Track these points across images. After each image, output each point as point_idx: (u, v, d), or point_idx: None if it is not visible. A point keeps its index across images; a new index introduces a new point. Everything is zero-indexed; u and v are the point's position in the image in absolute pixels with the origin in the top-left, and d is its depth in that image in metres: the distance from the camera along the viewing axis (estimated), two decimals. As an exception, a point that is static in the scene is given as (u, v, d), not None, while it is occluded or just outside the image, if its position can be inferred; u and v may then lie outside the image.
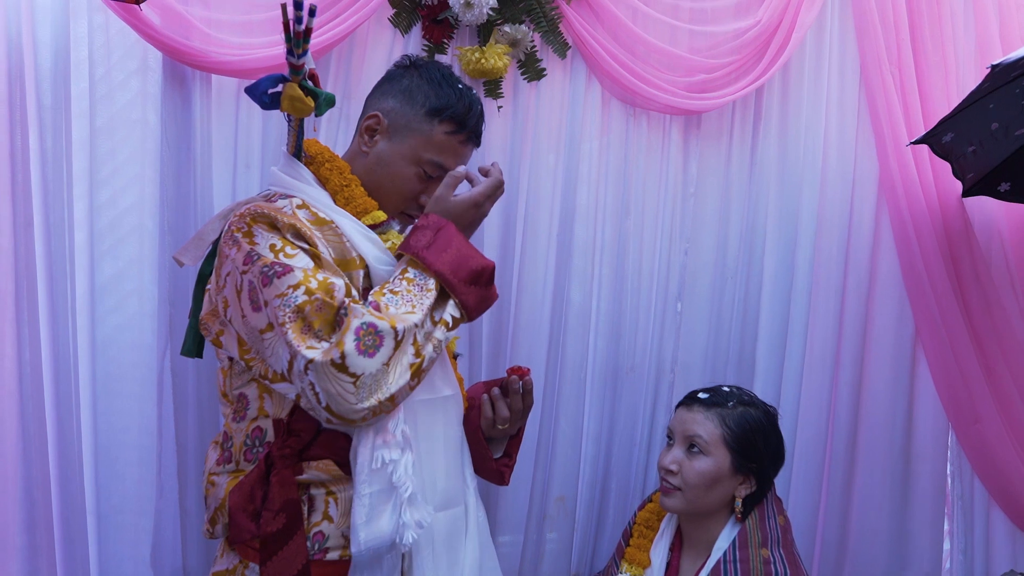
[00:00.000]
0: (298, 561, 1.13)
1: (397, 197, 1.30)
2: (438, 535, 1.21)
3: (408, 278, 1.17)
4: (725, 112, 1.93)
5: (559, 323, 1.85)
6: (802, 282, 1.94)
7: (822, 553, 2.01)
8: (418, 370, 1.13)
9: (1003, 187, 1.79)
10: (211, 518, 1.23)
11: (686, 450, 1.55)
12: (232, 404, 1.23)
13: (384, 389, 1.09)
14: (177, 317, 1.63)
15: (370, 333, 1.08)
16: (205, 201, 1.65)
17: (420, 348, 1.13)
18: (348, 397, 1.07)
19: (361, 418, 1.09)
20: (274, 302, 1.09)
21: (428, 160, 1.28)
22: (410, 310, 1.13)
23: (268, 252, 1.12)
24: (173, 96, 1.62)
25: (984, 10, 1.95)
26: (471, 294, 1.19)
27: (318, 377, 1.06)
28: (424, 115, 1.27)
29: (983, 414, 1.93)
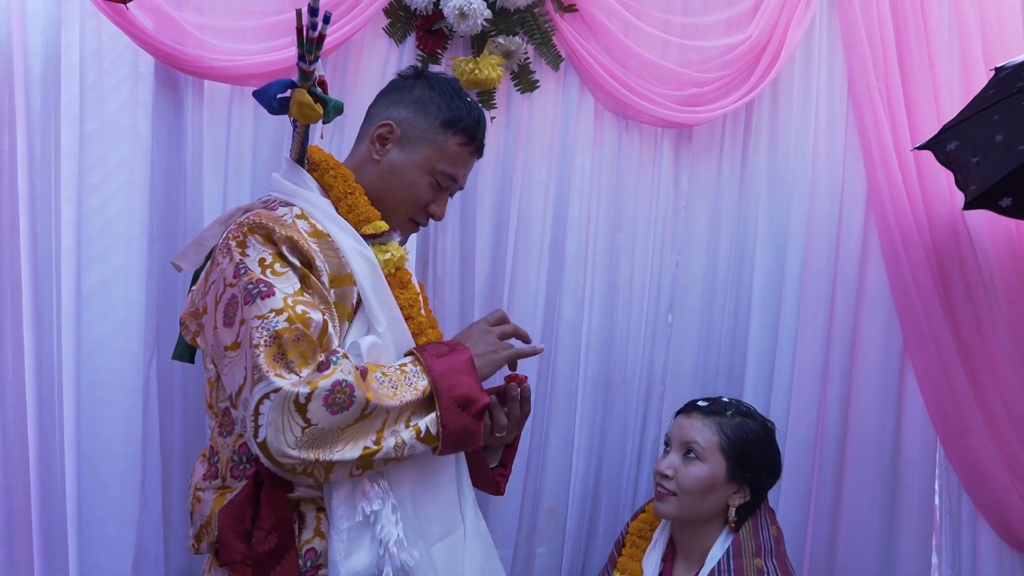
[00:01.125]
0: None
1: (408, 206, 1.31)
2: (440, 563, 1.20)
3: (404, 369, 1.16)
4: (716, 126, 1.95)
5: (551, 336, 1.85)
6: (791, 295, 1.95)
7: (811, 565, 2.00)
8: (368, 458, 1.09)
9: (1005, 202, 1.77)
10: (196, 534, 1.20)
11: (683, 456, 1.55)
12: (218, 417, 1.21)
13: (325, 452, 1.06)
14: (165, 325, 1.61)
15: (344, 392, 1.06)
16: (195, 208, 1.63)
17: (381, 437, 1.10)
18: (289, 438, 1.04)
19: (288, 466, 1.06)
20: (252, 322, 1.07)
21: (441, 171, 1.30)
22: (390, 395, 1.11)
23: (256, 266, 1.11)
24: (165, 102, 1.62)
25: (967, 29, 1.98)
26: (455, 416, 1.15)
27: (274, 407, 1.03)
28: (438, 126, 1.29)
29: (971, 427, 1.94)
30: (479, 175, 1.79)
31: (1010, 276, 1.97)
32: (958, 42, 1.99)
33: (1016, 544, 2.00)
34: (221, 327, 1.12)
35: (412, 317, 1.28)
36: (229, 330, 1.10)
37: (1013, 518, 1.95)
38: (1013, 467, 1.95)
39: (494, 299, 1.84)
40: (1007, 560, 2.02)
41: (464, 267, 1.80)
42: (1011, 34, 1.99)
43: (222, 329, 1.11)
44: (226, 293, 1.12)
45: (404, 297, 1.27)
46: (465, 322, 1.80)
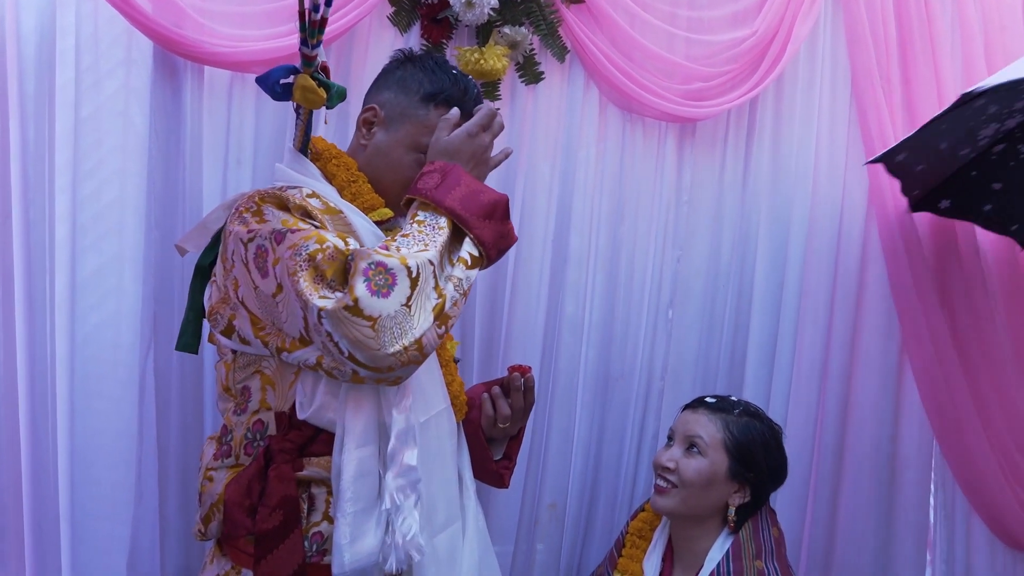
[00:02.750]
0: (293, 561, 1.09)
1: (398, 186, 1.27)
2: (441, 555, 1.18)
3: (419, 220, 1.11)
4: (720, 121, 1.94)
5: (553, 331, 1.84)
6: (792, 291, 1.95)
7: (808, 562, 2.01)
8: (441, 312, 1.05)
9: (943, 204, 1.84)
10: (205, 516, 1.18)
11: (685, 450, 1.55)
12: (235, 398, 1.20)
13: (409, 333, 1.02)
14: (162, 315, 1.58)
15: (380, 272, 1.02)
16: (194, 197, 1.60)
17: (440, 288, 1.07)
18: (370, 343, 1.00)
19: (387, 366, 1.01)
20: (285, 254, 1.05)
21: (426, 144, 1.25)
22: (422, 248, 1.06)
23: (279, 224, 1.09)
24: (163, 88, 1.58)
25: (970, 30, 1.99)
26: (486, 228, 1.12)
27: (334, 325, 1.00)
28: (419, 101, 1.26)
29: (966, 425, 1.95)
30: (482, 167, 1.77)
31: (1006, 276, 1.98)
32: (960, 42, 1.99)
33: (1009, 541, 2.02)
34: (260, 281, 1.09)
35: None
36: (267, 280, 1.08)
37: (1007, 515, 1.97)
38: (1007, 465, 1.96)
39: (496, 291, 1.82)
40: (1000, 557, 2.05)
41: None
42: (1012, 34, 2.00)
43: (262, 283, 1.09)
44: (250, 250, 1.10)
45: None
46: (466, 315, 1.79)
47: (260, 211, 1.13)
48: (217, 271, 1.21)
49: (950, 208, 1.85)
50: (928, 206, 1.85)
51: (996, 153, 1.75)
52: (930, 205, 1.85)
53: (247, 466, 1.14)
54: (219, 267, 1.20)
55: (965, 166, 1.77)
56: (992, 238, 1.97)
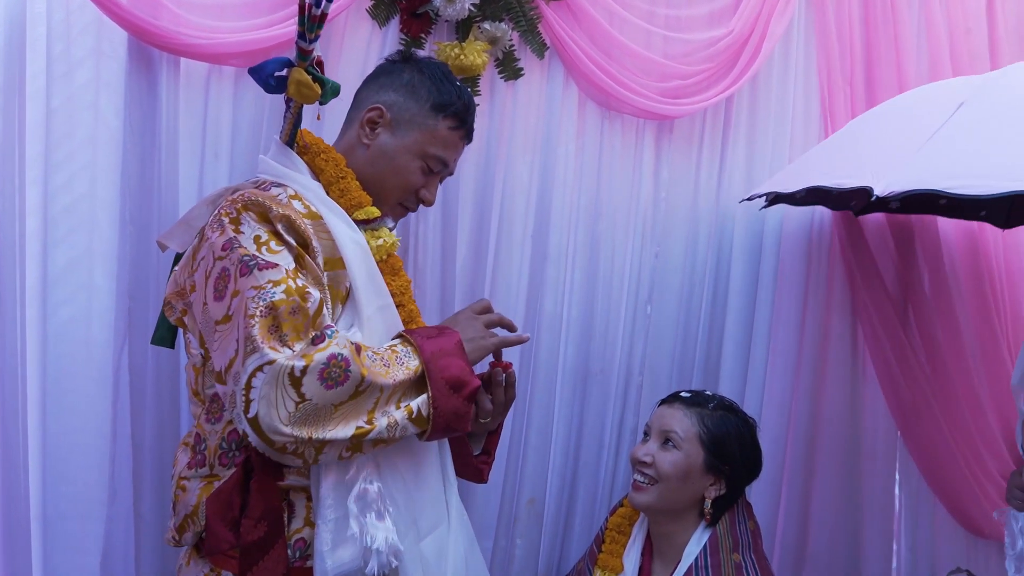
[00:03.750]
0: (279, 570, 1.09)
1: (398, 190, 1.30)
2: (429, 558, 1.19)
3: (395, 349, 1.14)
4: (696, 119, 1.96)
5: (532, 326, 1.84)
6: (766, 288, 1.98)
7: (781, 553, 2.05)
8: (360, 439, 1.06)
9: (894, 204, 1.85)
10: (180, 525, 1.16)
11: (661, 444, 1.57)
12: (204, 404, 1.18)
13: (318, 430, 1.03)
14: (137, 311, 1.55)
15: (340, 367, 1.04)
16: (170, 191, 1.57)
17: (373, 417, 1.08)
18: (282, 414, 1.01)
19: (280, 445, 1.02)
20: (248, 292, 1.04)
21: (433, 155, 1.29)
22: (383, 373, 1.09)
23: (251, 243, 1.08)
24: (138, 80, 1.55)
25: (936, 32, 2.04)
26: (446, 398, 1.13)
27: (267, 380, 1.00)
28: (429, 110, 1.28)
29: (925, 413, 2.01)
30: (462, 163, 1.76)
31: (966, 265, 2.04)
32: (927, 45, 2.05)
33: (971, 528, 2.09)
34: (211, 302, 1.08)
35: (403, 304, 1.27)
36: (220, 304, 1.07)
37: (967, 503, 2.03)
38: (970, 454, 2.02)
39: (475, 288, 1.82)
40: (961, 543, 2.11)
41: (445, 256, 1.78)
42: (977, 38, 2.06)
43: (212, 304, 1.08)
44: (216, 266, 1.09)
45: (395, 284, 1.26)
46: (446, 312, 1.78)
47: (238, 219, 1.11)
48: (182, 262, 1.20)
49: (901, 208, 1.87)
50: (878, 207, 1.87)
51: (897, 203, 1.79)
52: (880, 206, 1.87)
53: (226, 480, 1.12)
54: (186, 259, 1.19)
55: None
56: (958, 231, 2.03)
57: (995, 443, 2.04)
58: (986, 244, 2.03)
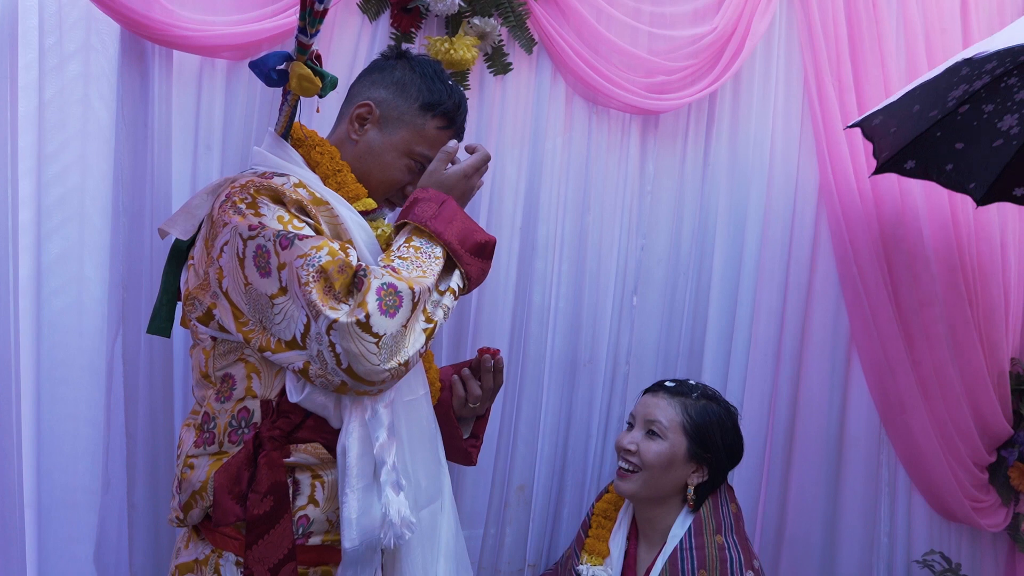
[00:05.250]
0: (284, 545, 1.11)
1: (384, 186, 1.32)
2: (424, 528, 1.22)
3: (415, 246, 1.18)
4: (681, 115, 2.00)
5: (521, 318, 1.87)
6: (748, 279, 2.03)
7: (762, 536, 2.10)
8: (431, 335, 1.14)
9: (908, 164, 1.91)
10: (185, 503, 1.18)
11: (645, 433, 1.60)
12: (215, 385, 1.20)
13: (403, 352, 1.09)
14: (130, 301, 1.56)
15: (391, 293, 1.08)
16: (162, 183, 1.58)
17: (431, 314, 1.14)
18: (371, 358, 1.06)
19: (381, 380, 1.08)
20: (295, 263, 1.07)
21: (420, 153, 1.31)
22: (421, 274, 1.14)
23: (277, 224, 1.11)
24: (131, 73, 1.55)
25: (913, 31, 2.09)
26: (475, 265, 1.21)
27: (341, 337, 1.05)
28: (418, 109, 1.30)
29: (908, 404, 2.06)
30: (451, 156, 1.79)
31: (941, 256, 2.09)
32: (904, 42, 2.10)
33: (946, 514, 2.15)
34: (257, 280, 1.10)
35: None
36: (268, 279, 1.10)
37: (943, 490, 2.09)
38: (946, 443, 2.08)
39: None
40: (937, 529, 2.18)
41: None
42: (952, 36, 2.12)
43: (259, 282, 1.10)
44: (249, 247, 1.11)
45: None
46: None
47: (256, 204, 1.13)
48: (197, 255, 1.21)
49: (914, 168, 1.91)
50: (894, 167, 1.92)
51: (961, 114, 1.80)
52: (896, 166, 1.91)
53: (234, 454, 1.15)
54: (200, 252, 1.20)
55: (931, 127, 1.83)
56: (932, 225, 2.09)
57: (969, 431, 2.10)
58: (960, 236, 2.09)
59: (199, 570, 1.18)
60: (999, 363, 2.15)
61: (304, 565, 1.15)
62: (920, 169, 1.91)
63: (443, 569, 1.24)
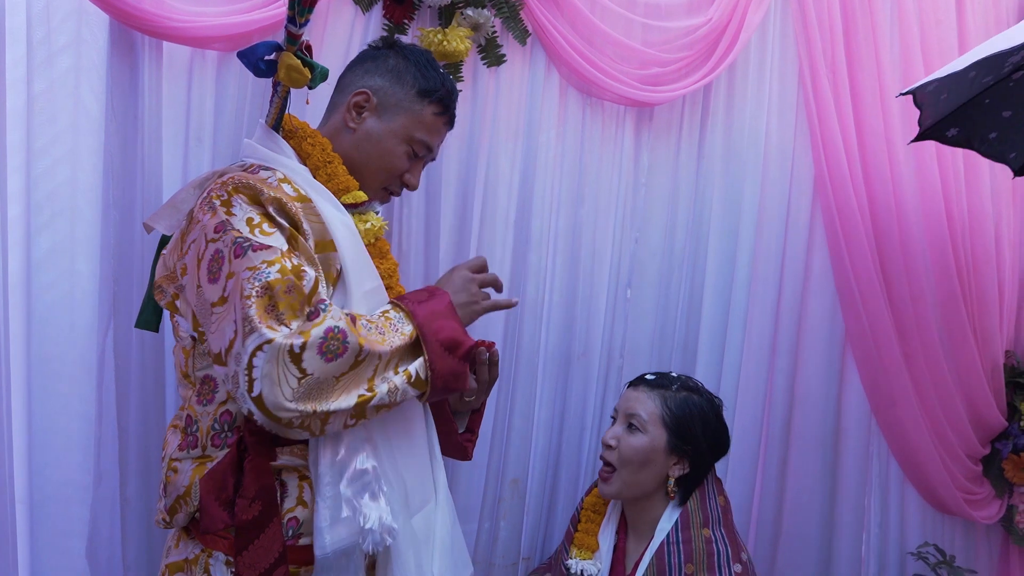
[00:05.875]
0: (275, 549, 1.10)
1: (383, 174, 1.32)
2: (419, 534, 1.21)
3: (388, 316, 1.16)
4: (675, 107, 1.99)
5: (515, 311, 1.86)
6: (743, 272, 2.02)
7: (758, 531, 2.10)
8: (363, 406, 1.08)
9: (951, 132, 1.86)
10: (171, 507, 1.17)
11: (626, 427, 1.60)
12: (195, 386, 1.18)
13: (322, 403, 1.05)
14: (122, 295, 1.55)
15: (337, 339, 1.05)
16: (153, 176, 1.57)
17: (373, 384, 1.10)
18: (285, 390, 1.02)
19: (286, 420, 1.03)
20: (243, 274, 1.04)
21: (419, 139, 1.32)
22: (379, 339, 1.10)
23: (244, 226, 1.09)
24: (120, 65, 1.54)
25: (908, 23, 2.08)
26: (442, 359, 1.15)
27: (268, 359, 1.01)
28: (415, 95, 1.31)
29: (900, 398, 2.06)
30: (445, 148, 1.78)
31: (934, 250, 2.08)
32: (899, 34, 2.09)
33: (938, 506, 2.15)
34: (206, 284, 1.08)
35: (391, 287, 1.28)
36: (215, 286, 1.07)
37: (936, 483, 2.09)
38: (937, 437, 2.08)
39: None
40: (929, 521, 2.18)
41: (428, 241, 1.80)
42: (946, 28, 2.11)
43: (207, 286, 1.08)
44: (208, 249, 1.09)
45: (383, 267, 1.27)
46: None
47: (230, 202, 1.11)
48: (170, 246, 1.20)
49: (957, 136, 1.87)
50: (935, 135, 1.88)
51: (1015, 80, 1.76)
52: (937, 134, 1.87)
53: (219, 459, 1.13)
54: (174, 242, 1.19)
55: (981, 93, 1.79)
56: (926, 219, 2.08)
57: (962, 425, 2.10)
58: (953, 229, 2.08)
59: (189, 569, 1.16)
60: (993, 356, 2.15)
61: (296, 565, 1.14)
62: (963, 137, 1.87)
63: (439, 565, 1.22)
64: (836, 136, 2.02)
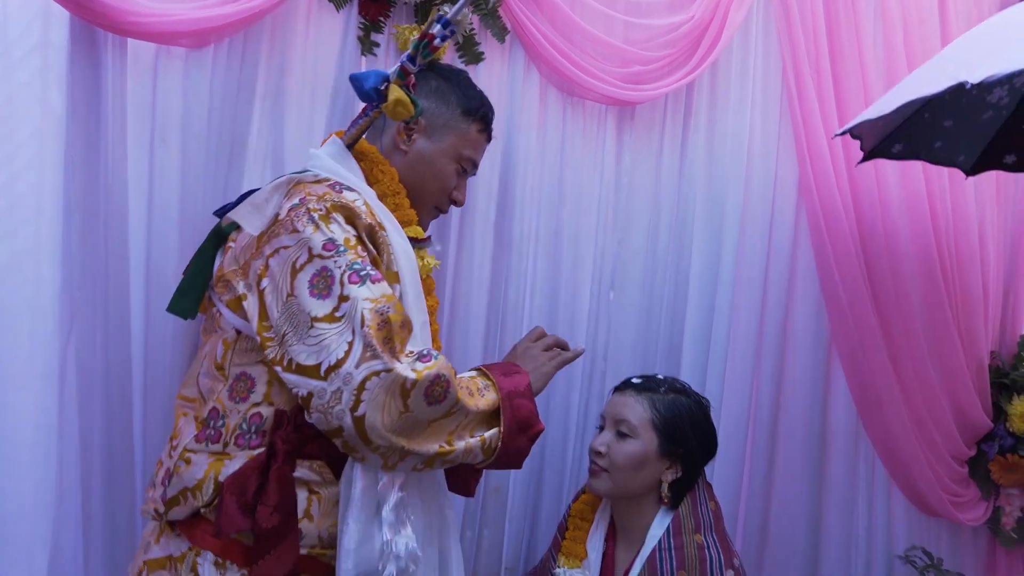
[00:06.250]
0: (290, 560, 1.11)
1: (437, 193, 1.39)
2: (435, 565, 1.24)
3: (475, 381, 1.24)
4: (657, 106, 1.96)
5: (496, 315, 1.83)
6: (727, 274, 1.99)
7: (744, 534, 2.08)
8: (441, 457, 1.15)
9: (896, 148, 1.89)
10: (172, 498, 1.16)
11: (615, 434, 1.56)
12: (227, 381, 1.18)
13: (409, 441, 1.11)
14: (84, 300, 1.49)
15: (442, 386, 1.12)
16: (117, 177, 1.51)
17: (452, 439, 1.16)
18: (386, 419, 1.08)
19: (374, 445, 1.09)
20: (363, 304, 1.09)
21: (467, 156, 1.40)
22: (469, 400, 1.18)
23: (344, 246, 1.13)
24: (82, 62, 1.47)
25: (891, 23, 2.07)
26: (514, 436, 1.23)
27: (382, 386, 1.07)
28: (460, 115, 1.38)
29: (886, 400, 2.04)
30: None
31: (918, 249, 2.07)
32: (882, 33, 2.07)
33: (924, 508, 2.14)
34: (305, 296, 1.11)
35: (431, 324, 1.30)
36: (321, 302, 1.10)
37: (922, 485, 2.08)
38: (924, 439, 2.07)
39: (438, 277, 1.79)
40: (915, 524, 2.16)
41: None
42: (930, 28, 2.10)
43: (308, 300, 1.11)
44: (314, 264, 1.12)
45: (428, 304, 1.30)
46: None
47: (329, 217, 1.15)
48: (242, 242, 1.20)
49: (902, 150, 1.91)
50: (881, 153, 1.90)
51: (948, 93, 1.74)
52: (883, 152, 1.90)
53: (245, 462, 1.13)
54: (247, 240, 1.19)
55: (919, 110, 1.82)
56: (910, 219, 2.07)
57: (947, 426, 2.09)
58: (938, 229, 2.07)
59: (173, 567, 1.15)
60: (978, 356, 2.14)
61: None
62: (908, 150, 1.90)
63: None
64: (820, 136, 2.00)
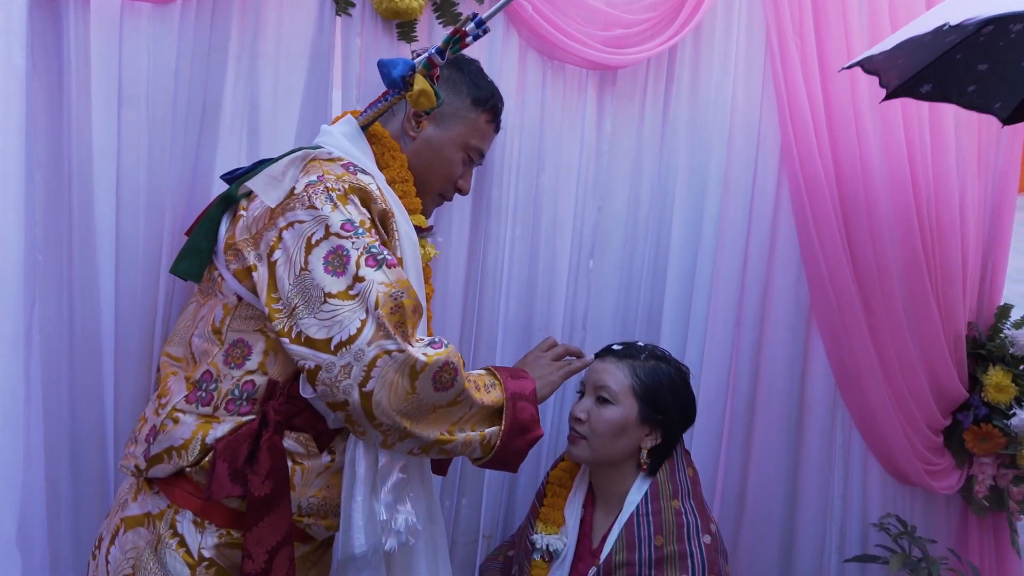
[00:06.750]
0: (282, 527, 1.12)
1: (442, 181, 1.42)
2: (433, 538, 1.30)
3: (482, 377, 1.28)
4: (639, 71, 1.93)
5: (474, 283, 1.81)
6: (708, 242, 1.98)
7: (722, 502, 2.09)
8: (440, 444, 1.19)
9: (924, 88, 1.84)
10: (156, 456, 1.16)
11: (595, 400, 1.56)
12: (222, 345, 1.18)
13: (413, 424, 1.14)
14: (50, 264, 1.45)
15: (450, 374, 1.15)
16: (82, 139, 1.47)
17: (453, 430, 1.20)
18: (393, 399, 1.10)
19: (377, 422, 1.11)
20: (378, 286, 1.12)
21: (474, 146, 1.43)
22: (475, 393, 1.21)
23: (363, 230, 1.15)
24: (42, 17, 1.42)
25: (877, -9, 2.04)
26: (514, 438, 1.26)
27: (393, 365, 1.10)
28: (470, 104, 1.41)
29: (864, 370, 2.05)
30: (399, 113, 1.70)
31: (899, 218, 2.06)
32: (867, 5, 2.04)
33: (900, 478, 2.16)
34: (321, 273, 1.13)
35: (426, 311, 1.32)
36: (336, 279, 1.12)
37: (897, 454, 2.09)
38: (899, 406, 2.08)
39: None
40: (891, 492, 2.18)
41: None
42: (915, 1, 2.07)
43: (322, 275, 1.13)
44: (330, 241, 1.14)
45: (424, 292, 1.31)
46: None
47: (346, 199, 1.17)
48: (255, 211, 1.20)
49: (931, 92, 1.86)
50: (908, 92, 1.85)
51: (985, 35, 1.73)
52: (910, 91, 1.85)
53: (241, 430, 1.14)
54: (260, 210, 1.19)
55: (949, 50, 1.76)
56: (893, 190, 2.06)
57: (924, 396, 2.10)
58: (919, 198, 2.06)
59: (151, 524, 1.16)
60: (955, 326, 2.15)
61: None
62: (938, 92, 1.86)
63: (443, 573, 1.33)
64: (803, 104, 1.97)
